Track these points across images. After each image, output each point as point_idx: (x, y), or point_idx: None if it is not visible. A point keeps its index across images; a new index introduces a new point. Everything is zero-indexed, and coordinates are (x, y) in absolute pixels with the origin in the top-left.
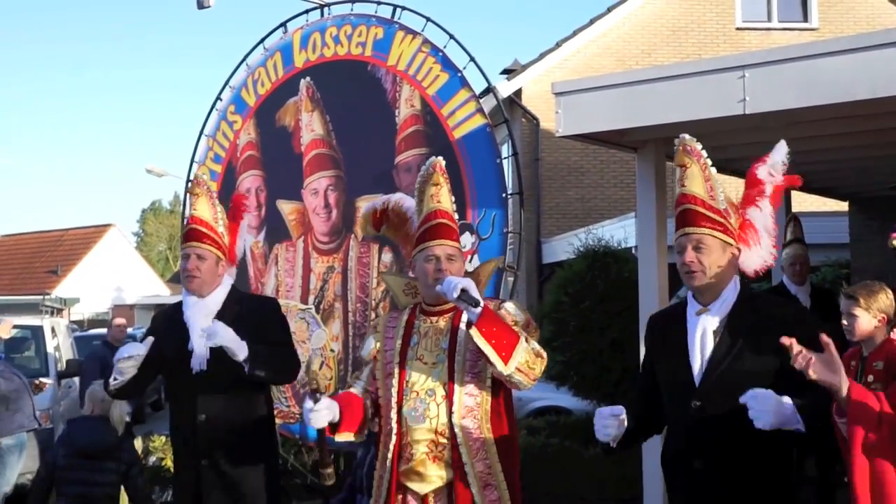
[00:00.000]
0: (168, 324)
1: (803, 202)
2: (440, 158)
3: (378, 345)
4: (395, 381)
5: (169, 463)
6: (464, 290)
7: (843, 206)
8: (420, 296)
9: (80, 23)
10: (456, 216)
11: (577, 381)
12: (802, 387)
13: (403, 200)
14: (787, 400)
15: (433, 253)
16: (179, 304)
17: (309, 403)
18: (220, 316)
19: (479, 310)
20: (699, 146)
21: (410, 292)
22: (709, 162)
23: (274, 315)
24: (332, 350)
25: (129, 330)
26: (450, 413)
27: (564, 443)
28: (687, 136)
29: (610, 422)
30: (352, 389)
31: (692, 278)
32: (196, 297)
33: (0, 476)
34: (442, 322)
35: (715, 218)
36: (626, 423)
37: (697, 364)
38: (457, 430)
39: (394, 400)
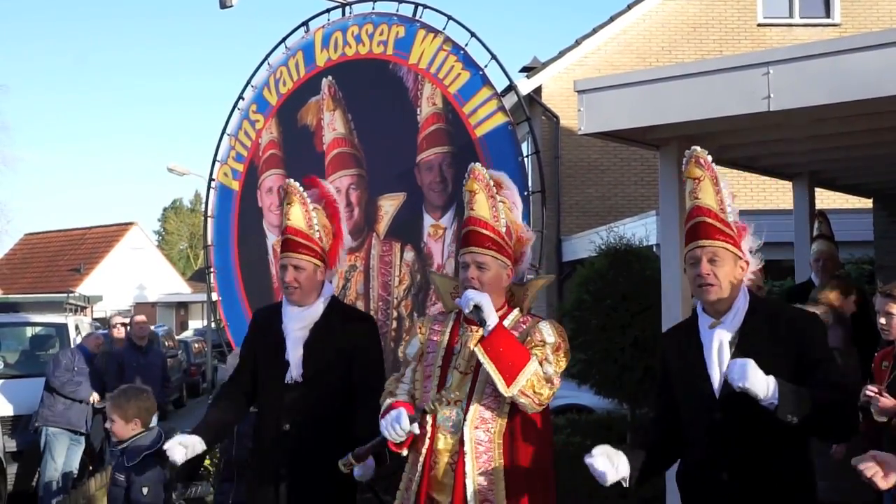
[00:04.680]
0: (266, 329)
1: (826, 199)
2: (478, 165)
3: (421, 344)
4: (433, 386)
5: None
6: (476, 307)
7: (867, 202)
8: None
9: (97, 22)
10: (496, 221)
11: (599, 380)
12: (817, 386)
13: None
14: (770, 378)
15: (464, 261)
16: (279, 307)
17: (413, 426)
18: (317, 328)
19: (490, 327)
20: (710, 158)
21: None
22: (719, 174)
23: (370, 342)
24: None
25: (151, 328)
26: (463, 421)
27: (586, 441)
28: (699, 148)
29: (607, 468)
30: (399, 397)
31: (707, 292)
32: (296, 307)
33: (49, 462)
34: (478, 333)
35: (727, 231)
36: (626, 465)
37: (717, 377)
38: (466, 438)
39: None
